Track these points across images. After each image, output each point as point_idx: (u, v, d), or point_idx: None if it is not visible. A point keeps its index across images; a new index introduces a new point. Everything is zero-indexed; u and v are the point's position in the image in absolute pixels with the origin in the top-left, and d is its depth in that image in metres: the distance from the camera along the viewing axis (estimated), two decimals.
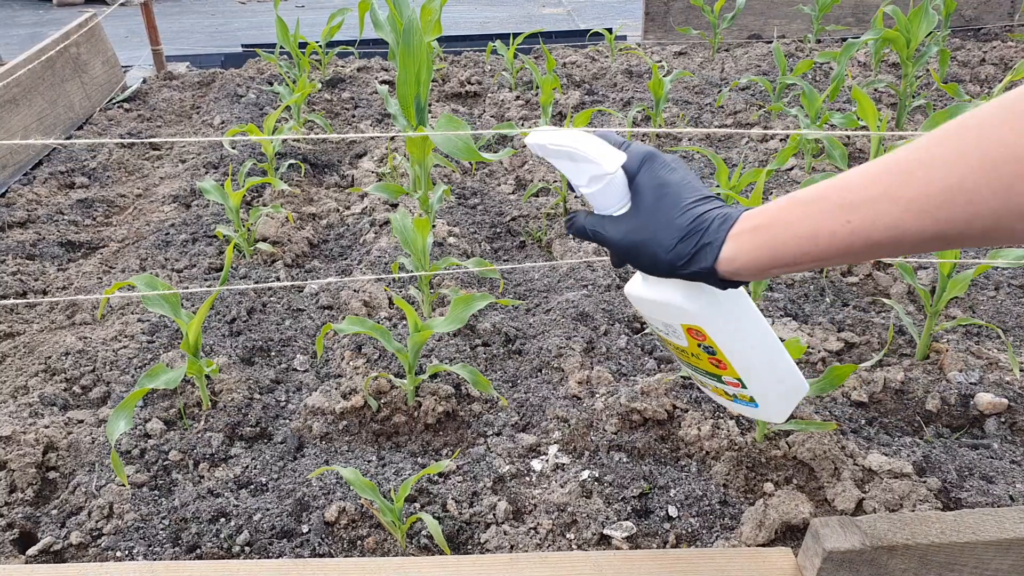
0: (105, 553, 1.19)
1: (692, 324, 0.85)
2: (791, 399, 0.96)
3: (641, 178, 0.79)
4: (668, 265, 0.76)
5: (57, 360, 1.70)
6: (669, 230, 0.75)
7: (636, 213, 0.78)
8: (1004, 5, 4.19)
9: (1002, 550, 0.93)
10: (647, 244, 0.77)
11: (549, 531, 1.19)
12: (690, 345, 0.90)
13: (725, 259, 0.72)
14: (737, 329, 0.86)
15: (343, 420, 1.47)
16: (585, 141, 0.79)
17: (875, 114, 1.90)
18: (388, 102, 2.21)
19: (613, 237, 0.80)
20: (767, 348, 0.91)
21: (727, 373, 0.91)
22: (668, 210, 0.76)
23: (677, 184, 0.77)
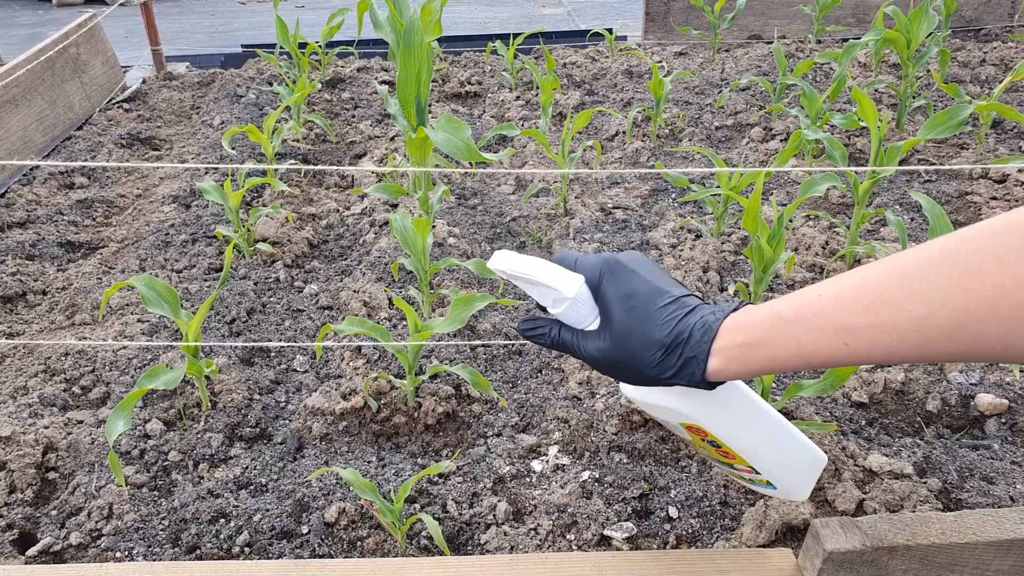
0: (105, 554, 1.19)
1: (690, 423, 0.85)
2: (811, 475, 0.94)
3: (605, 290, 0.77)
4: (654, 379, 0.75)
5: (57, 360, 1.70)
6: (648, 345, 0.73)
7: (609, 330, 0.76)
8: (1004, 6, 4.19)
9: (1003, 551, 0.93)
10: (629, 362, 0.75)
11: (549, 532, 1.19)
12: (695, 440, 0.90)
13: (713, 371, 0.71)
14: (737, 423, 0.86)
15: (343, 421, 1.47)
16: (539, 268, 0.79)
17: (875, 115, 1.90)
18: (388, 102, 2.21)
19: (593, 355, 0.78)
20: (771, 434, 0.90)
21: (737, 462, 0.91)
22: (642, 323, 0.74)
23: (644, 292, 0.75)
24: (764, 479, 0.92)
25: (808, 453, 0.93)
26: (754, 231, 1.46)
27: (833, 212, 2.34)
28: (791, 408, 1.43)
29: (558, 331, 0.81)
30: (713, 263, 2.00)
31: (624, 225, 2.30)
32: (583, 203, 2.43)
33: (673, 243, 2.14)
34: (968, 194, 2.34)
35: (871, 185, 1.88)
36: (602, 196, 2.51)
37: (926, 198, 1.56)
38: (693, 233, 2.18)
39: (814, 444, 0.94)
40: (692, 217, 2.28)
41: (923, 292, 0.57)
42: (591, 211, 2.37)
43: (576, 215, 2.34)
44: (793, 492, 0.94)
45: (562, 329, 0.80)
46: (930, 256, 0.58)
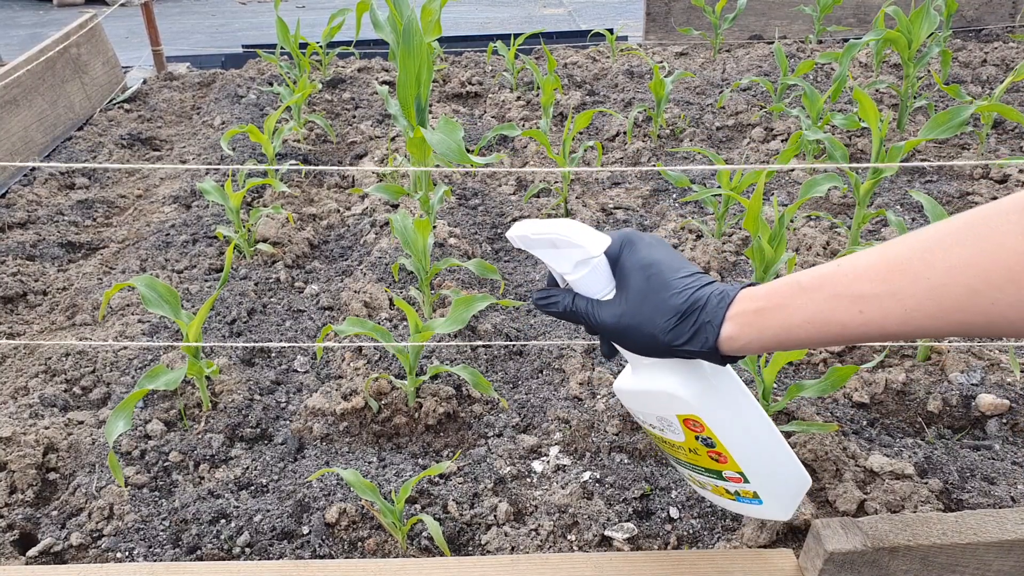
0: (105, 554, 1.19)
1: (688, 414, 0.83)
2: (796, 493, 0.93)
3: (624, 260, 0.78)
4: (667, 346, 0.75)
5: (57, 361, 1.70)
6: (664, 310, 0.74)
7: (625, 296, 0.77)
8: (1006, 6, 4.19)
9: (1003, 551, 0.93)
10: (643, 326, 0.75)
11: (550, 533, 1.19)
12: (687, 439, 0.88)
13: (726, 337, 0.72)
14: (735, 416, 0.85)
15: (343, 421, 1.47)
16: (567, 227, 0.79)
17: (876, 115, 1.90)
18: (388, 103, 2.21)
19: (607, 321, 0.78)
20: (766, 436, 0.89)
21: (728, 467, 0.88)
22: (659, 290, 0.75)
23: (663, 262, 0.76)
24: (751, 490, 0.91)
25: (797, 468, 0.92)
26: (755, 231, 1.46)
27: (834, 212, 2.34)
28: (792, 408, 1.43)
29: (571, 300, 0.81)
30: (714, 263, 2.00)
31: (625, 225, 2.30)
32: (584, 203, 2.43)
33: (674, 243, 2.14)
34: (969, 194, 2.34)
35: (872, 185, 1.88)
36: (603, 196, 2.51)
37: (927, 198, 1.56)
38: (694, 233, 2.18)
39: (800, 463, 0.93)
40: (693, 217, 2.28)
41: (943, 261, 0.58)
42: (592, 211, 2.37)
43: (577, 215, 2.34)
44: (777, 509, 0.92)
45: (576, 298, 0.80)
46: (951, 229, 0.59)
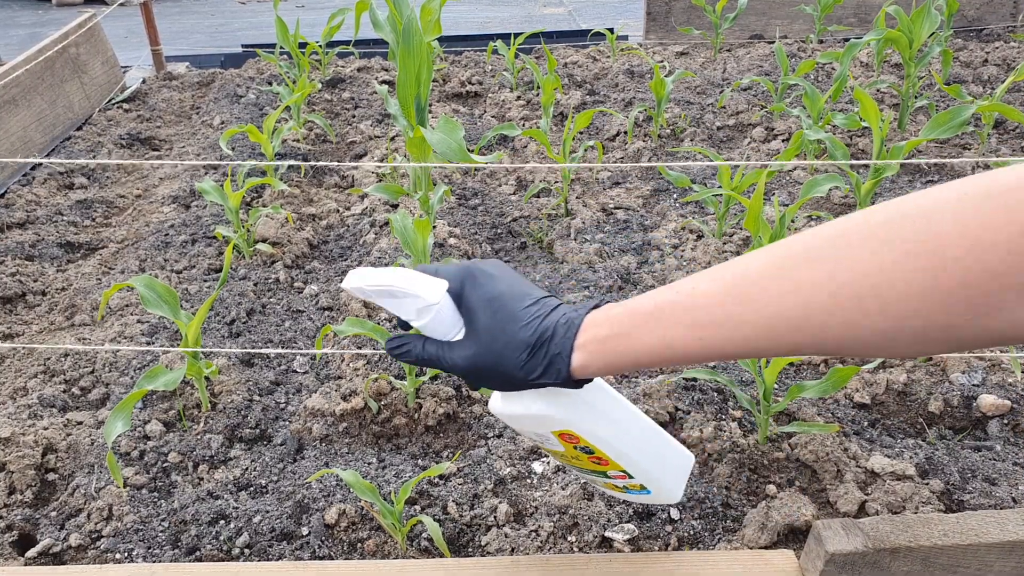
0: (104, 555, 1.19)
1: (562, 429, 0.84)
2: (681, 474, 0.95)
3: (468, 297, 0.76)
4: (522, 381, 0.74)
5: (56, 361, 1.70)
6: (514, 347, 0.73)
7: (475, 335, 0.76)
8: (1007, 6, 4.18)
9: (1005, 552, 0.93)
10: (497, 365, 0.74)
11: (550, 534, 1.18)
12: (567, 450, 0.89)
13: (578, 366, 0.72)
14: (607, 423, 0.85)
15: (343, 422, 1.47)
16: (400, 276, 0.77)
17: (877, 115, 1.90)
18: (388, 102, 2.21)
19: (458, 364, 0.76)
20: (640, 432, 0.90)
21: (610, 468, 0.90)
22: (507, 324, 0.73)
23: (506, 294, 0.75)
24: (638, 483, 0.92)
25: (677, 453, 0.94)
26: (756, 231, 1.46)
27: (835, 212, 2.34)
28: (793, 409, 1.43)
29: (422, 345, 0.79)
30: (715, 263, 2.00)
31: (625, 225, 2.30)
32: (584, 203, 2.43)
33: (675, 243, 2.13)
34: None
35: (873, 185, 1.87)
36: (603, 196, 2.51)
37: None
38: (695, 233, 2.18)
39: (680, 444, 0.95)
40: (694, 217, 2.28)
41: (774, 288, 0.60)
42: (592, 211, 2.37)
43: (577, 215, 2.33)
44: (666, 494, 0.94)
45: (427, 343, 0.78)
46: (780, 255, 0.61)
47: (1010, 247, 0.49)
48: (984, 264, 0.51)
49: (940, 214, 0.53)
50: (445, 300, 0.77)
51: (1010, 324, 0.52)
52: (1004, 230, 0.50)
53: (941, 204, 0.54)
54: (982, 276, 0.51)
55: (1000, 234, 0.50)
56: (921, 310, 0.53)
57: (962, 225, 0.51)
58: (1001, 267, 0.50)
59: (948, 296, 0.52)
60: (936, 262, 0.52)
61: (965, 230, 0.51)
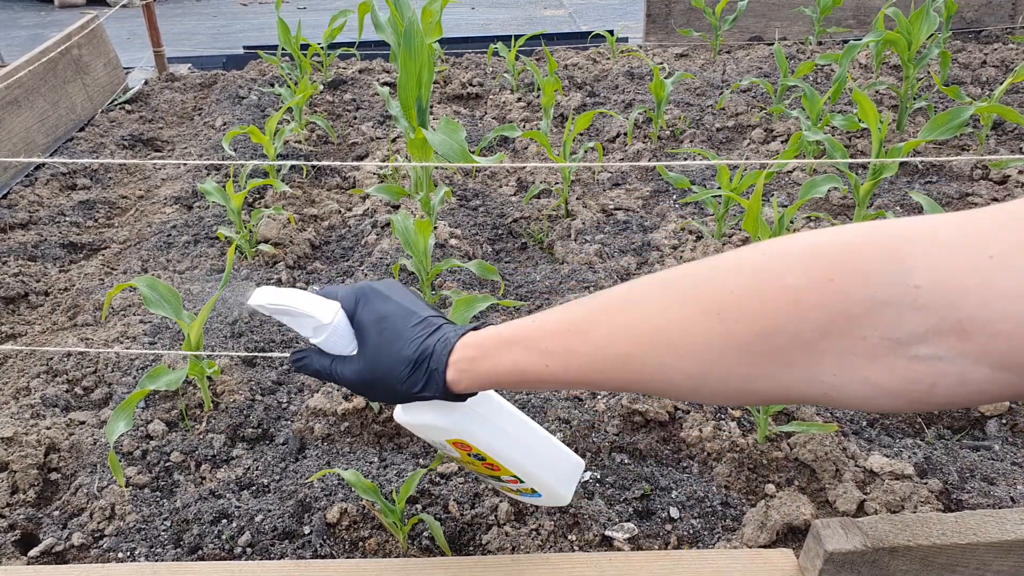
0: (107, 554, 1.19)
1: (455, 438, 0.89)
2: (571, 478, 1.00)
3: (360, 316, 0.82)
4: (404, 394, 0.80)
5: (59, 361, 1.70)
6: (398, 362, 0.78)
7: (364, 351, 0.81)
8: (1005, 7, 4.19)
9: (1003, 552, 0.93)
10: (382, 380, 0.80)
11: (551, 533, 1.19)
12: (463, 456, 0.94)
13: (450, 382, 0.77)
14: (494, 431, 0.91)
15: (345, 421, 1.48)
16: (297, 298, 0.83)
17: (876, 116, 1.90)
18: (390, 104, 2.21)
19: (348, 378, 0.82)
20: (529, 440, 0.95)
21: (503, 473, 0.96)
22: (392, 342, 0.79)
23: (395, 315, 0.81)
24: (529, 487, 0.98)
25: (566, 458, 1.00)
26: (755, 232, 1.46)
27: (834, 213, 2.34)
28: (792, 408, 1.43)
29: (318, 359, 0.85)
30: None
31: (625, 226, 2.30)
32: (584, 204, 2.43)
33: (674, 244, 2.14)
34: (969, 195, 2.34)
35: (872, 186, 1.88)
36: (603, 197, 2.51)
37: (927, 199, 1.57)
38: (694, 234, 2.18)
39: (571, 450, 1.01)
40: (693, 218, 2.29)
41: (605, 324, 0.65)
42: (592, 212, 2.37)
43: (577, 216, 2.34)
44: (556, 497, 1.00)
45: (321, 357, 0.84)
46: (617, 294, 0.66)
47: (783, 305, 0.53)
48: (764, 320, 0.54)
49: (724, 276, 0.58)
50: (340, 319, 0.82)
51: (806, 383, 0.54)
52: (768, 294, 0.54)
53: (724, 268, 0.59)
54: (769, 330, 0.54)
55: (768, 296, 0.54)
56: (719, 360, 0.57)
57: (743, 287, 0.56)
58: (780, 323, 0.53)
59: (742, 348, 0.55)
60: (726, 318, 0.56)
61: (746, 292, 0.55)
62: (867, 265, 0.49)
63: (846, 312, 0.50)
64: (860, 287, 0.49)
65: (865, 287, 0.49)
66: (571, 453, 1.01)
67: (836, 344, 0.51)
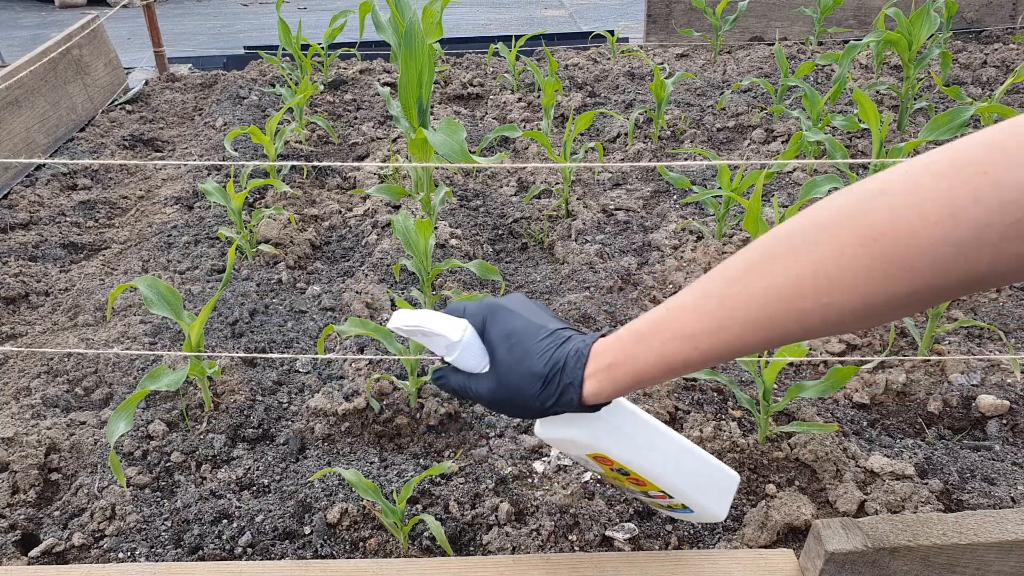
0: (107, 554, 1.19)
1: (595, 452, 0.88)
2: (726, 494, 0.96)
3: (489, 332, 0.83)
4: (538, 410, 0.80)
5: (59, 362, 1.70)
6: (530, 379, 0.78)
7: (495, 368, 0.82)
8: (1006, 7, 4.19)
9: (1004, 552, 0.93)
10: (514, 397, 0.80)
11: (551, 533, 1.19)
12: (606, 471, 0.93)
13: (590, 394, 0.77)
14: (638, 446, 0.89)
15: (345, 422, 1.48)
16: (427, 318, 0.84)
17: (877, 116, 1.90)
18: (390, 104, 2.22)
19: (482, 395, 0.83)
20: (674, 454, 0.92)
21: (649, 488, 0.93)
22: (522, 359, 0.79)
23: (522, 330, 0.81)
24: (679, 503, 0.95)
25: (718, 472, 0.95)
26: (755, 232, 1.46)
27: None
28: (792, 409, 1.43)
29: (453, 376, 0.86)
30: (715, 264, 2.00)
31: (626, 227, 2.30)
32: (585, 204, 2.43)
33: (675, 244, 2.14)
34: None
35: None
36: (604, 198, 2.51)
37: None
38: (695, 235, 2.18)
39: (724, 464, 0.96)
40: (694, 219, 2.29)
41: (756, 286, 0.64)
42: (593, 212, 2.37)
43: (578, 216, 2.34)
44: (710, 514, 0.96)
45: (457, 375, 0.85)
46: (752, 256, 0.66)
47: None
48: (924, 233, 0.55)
49: (871, 203, 0.59)
50: (470, 337, 0.83)
51: (962, 284, 0.56)
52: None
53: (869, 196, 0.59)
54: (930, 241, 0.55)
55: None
56: (881, 286, 0.58)
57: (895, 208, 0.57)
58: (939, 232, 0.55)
59: (903, 267, 0.57)
60: (884, 241, 0.57)
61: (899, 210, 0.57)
62: (1016, 154, 0.55)
63: (1000, 199, 0.53)
64: (1013, 173, 0.54)
65: (1018, 171, 0.54)
66: (724, 466, 0.96)
67: (992, 234, 0.54)
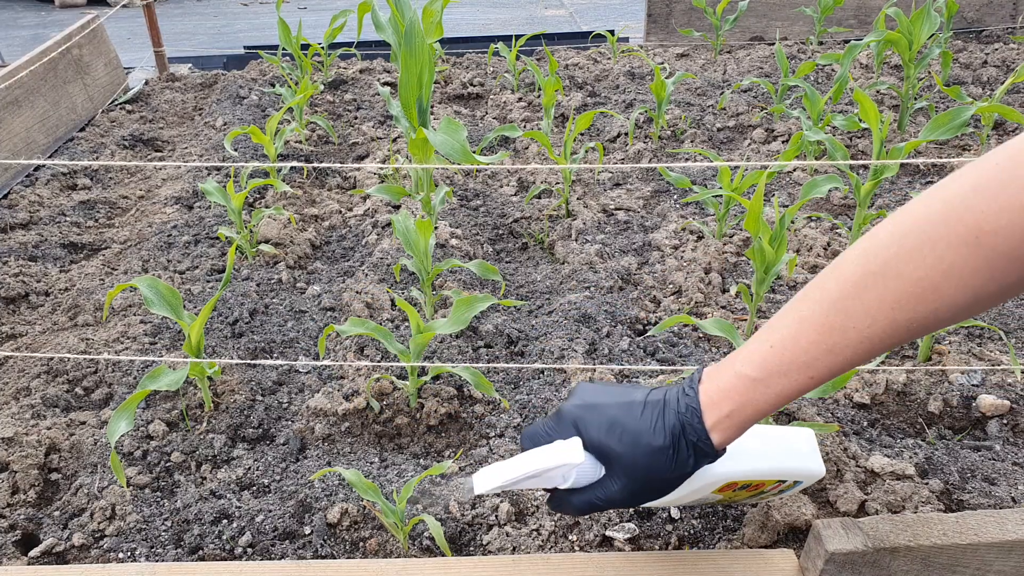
0: (107, 555, 1.19)
1: (722, 484, 0.92)
2: (813, 451, 1.01)
3: (589, 437, 0.81)
4: (679, 479, 0.80)
5: (59, 362, 1.70)
6: (657, 456, 0.78)
7: (615, 466, 0.80)
8: (1006, 7, 4.19)
9: (1004, 552, 0.93)
10: (651, 483, 0.79)
11: (551, 533, 1.19)
12: (726, 496, 0.98)
13: (719, 444, 0.78)
14: (743, 457, 0.92)
15: (345, 422, 1.48)
16: (534, 460, 0.82)
17: (877, 116, 1.90)
18: (390, 104, 2.22)
19: (619, 498, 0.82)
20: (772, 444, 0.98)
21: (768, 485, 0.99)
22: (637, 444, 0.78)
23: (621, 416, 0.80)
24: (790, 483, 1.00)
25: (796, 436, 1.01)
26: (756, 232, 1.46)
27: (835, 213, 2.34)
28: (793, 409, 1.43)
29: (577, 498, 0.84)
30: (715, 264, 2.00)
31: (626, 226, 2.30)
32: (585, 204, 2.43)
33: (675, 244, 2.14)
34: None
35: (873, 186, 1.88)
36: (604, 198, 2.51)
37: None
38: (695, 234, 2.18)
39: (792, 428, 1.03)
40: (694, 218, 2.28)
41: (859, 308, 0.66)
42: (593, 212, 2.37)
43: (578, 216, 2.34)
44: (814, 474, 1.01)
45: (579, 495, 0.83)
46: (849, 275, 0.67)
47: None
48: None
49: (964, 203, 0.60)
50: (584, 453, 0.81)
51: None
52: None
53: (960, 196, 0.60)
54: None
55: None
56: (987, 282, 0.60)
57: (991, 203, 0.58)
58: None
59: (1007, 259, 0.58)
60: (984, 240, 0.58)
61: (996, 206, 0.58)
62: None
63: None
64: None
65: None
66: (795, 429, 1.02)
67: None
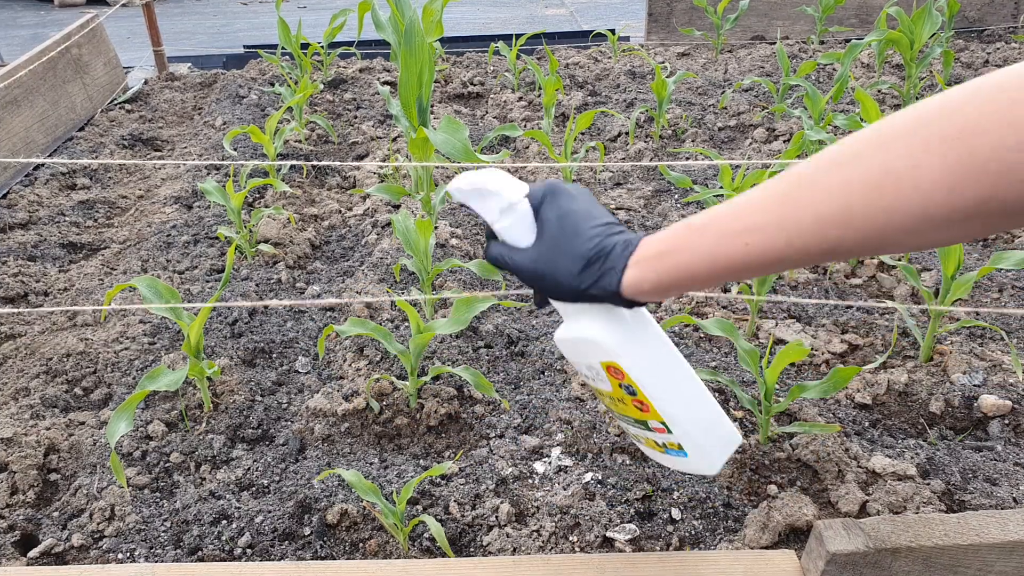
0: (106, 555, 1.19)
1: (610, 361, 0.87)
2: (723, 449, 0.93)
3: (544, 210, 0.84)
4: (572, 291, 0.80)
5: (58, 362, 1.70)
6: (573, 257, 0.79)
7: (541, 242, 0.83)
8: (1008, 6, 4.18)
9: (1006, 552, 0.93)
10: (553, 272, 0.81)
11: (552, 533, 1.19)
12: (614, 388, 0.91)
13: (630, 283, 0.76)
14: (653, 363, 0.88)
15: (345, 422, 1.47)
16: (490, 175, 0.85)
17: (878, 115, 1.90)
18: (390, 103, 2.21)
19: (521, 264, 0.84)
20: (688, 387, 0.90)
21: (651, 416, 0.90)
22: (571, 238, 0.80)
23: (578, 212, 0.82)
24: (676, 442, 0.91)
25: (724, 424, 0.93)
26: None
27: None
28: (794, 409, 1.43)
29: (497, 247, 0.87)
30: None
31: (627, 226, 2.30)
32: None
33: None
34: None
35: None
36: (605, 197, 2.51)
37: None
38: None
39: (729, 420, 0.94)
40: None
41: (820, 184, 0.64)
42: None
43: None
44: (703, 464, 0.93)
45: (500, 245, 0.86)
46: (826, 156, 0.65)
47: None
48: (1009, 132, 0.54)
49: (953, 105, 0.57)
50: (524, 207, 0.84)
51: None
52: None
53: (962, 98, 0.58)
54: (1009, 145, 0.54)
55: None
56: (952, 190, 0.57)
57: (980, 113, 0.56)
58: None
59: (980, 169, 0.55)
60: (966, 138, 0.56)
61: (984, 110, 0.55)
62: None
63: None
64: None
65: None
66: (729, 421, 0.94)
67: None
